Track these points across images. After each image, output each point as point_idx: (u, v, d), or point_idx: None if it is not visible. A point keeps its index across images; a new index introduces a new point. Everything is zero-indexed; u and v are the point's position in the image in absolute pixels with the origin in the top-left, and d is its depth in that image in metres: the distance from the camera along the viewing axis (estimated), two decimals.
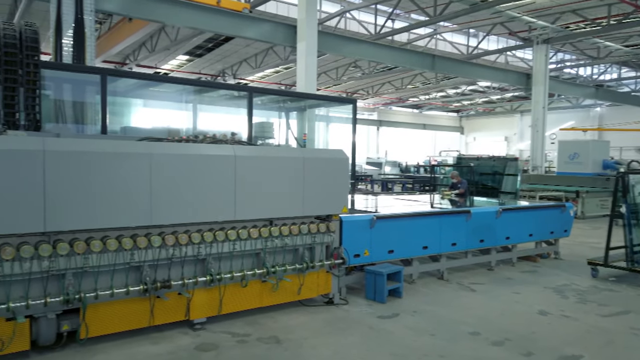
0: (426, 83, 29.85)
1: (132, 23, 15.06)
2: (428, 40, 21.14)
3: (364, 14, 18.94)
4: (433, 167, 14.33)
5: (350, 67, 25.41)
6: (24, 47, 6.49)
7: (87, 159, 4.24)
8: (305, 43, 13.38)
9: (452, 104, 39.67)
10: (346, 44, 16.36)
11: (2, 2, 15.46)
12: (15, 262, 3.91)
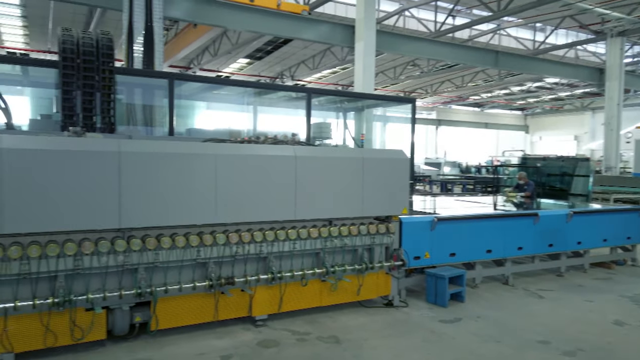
0: (488, 80, 28.81)
1: (197, 29, 15.67)
2: (491, 36, 20.39)
3: (424, 12, 18.58)
4: (496, 168, 13.81)
5: (408, 66, 25.02)
6: (100, 55, 6.93)
7: (158, 159, 4.45)
8: (364, 43, 13.33)
9: (517, 101, 38.02)
10: (405, 43, 16.12)
11: (79, 12, 16.59)
12: (94, 257, 4.18)
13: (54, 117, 8.43)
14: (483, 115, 42.38)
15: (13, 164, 3.85)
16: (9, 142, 3.88)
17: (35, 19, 17.61)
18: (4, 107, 6.67)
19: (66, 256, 4.05)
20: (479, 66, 20.92)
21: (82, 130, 4.87)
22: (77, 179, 4.10)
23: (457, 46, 17.76)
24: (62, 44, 6.65)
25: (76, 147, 4.17)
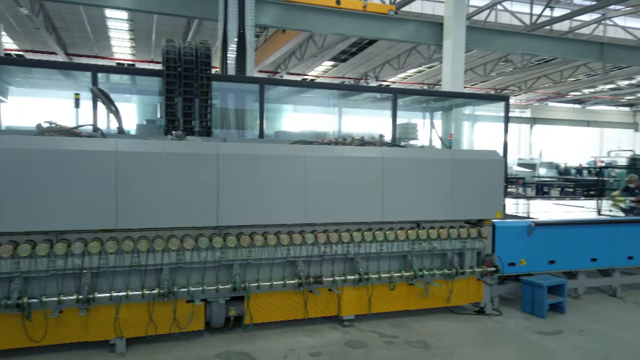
0: (591, 75, 26.54)
1: (285, 34, 16.15)
2: (595, 26, 18.77)
3: (517, 4, 17.57)
4: (600, 170, 12.67)
5: (499, 62, 23.80)
6: (199, 63, 7.40)
7: (251, 161, 4.66)
8: (452, 40, 12.92)
9: (624, 97, 34.60)
10: (497, 38, 15.36)
11: (178, 24, 17.84)
12: (194, 252, 4.47)
13: (157, 122, 9.15)
14: (584, 112, 39.10)
15: (126, 165, 4.23)
16: (124, 146, 4.27)
17: (140, 32, 19.23)
18: (116, 113, 7.33)
19: (170, 251, 4.37)
20: (580, 60, 19.33)
21: (183, 134, 5.21)
22: (180, 180, 4.41)
23: (556, 39, 16.56)
24: (165, 54, 7.20)
25: (179, 150, 4.48)
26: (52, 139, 4.17)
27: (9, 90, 10.25)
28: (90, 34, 19.40)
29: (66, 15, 17.10)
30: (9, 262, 3.93)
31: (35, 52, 21.34)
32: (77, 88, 10.03)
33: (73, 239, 4.16)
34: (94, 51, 22.12)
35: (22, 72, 10.29)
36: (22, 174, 3.95)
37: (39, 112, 12.63)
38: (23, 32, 18.91)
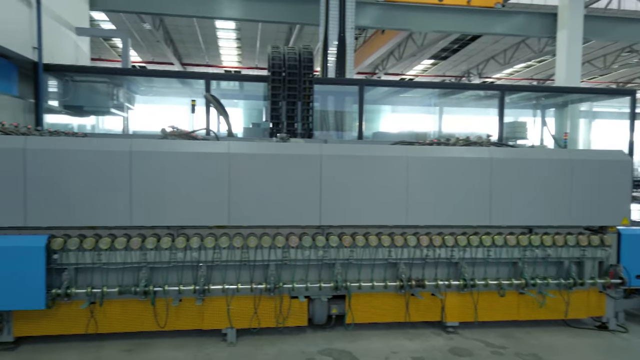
0: None
1: (384, 34, 16.08)
2: None
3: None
4: None
5: (622, 53, 21.45)
6: (301, 67, 7.65)
7: (353, 162, 4.70)
8: (567, 31, 11.93)
9: None
10: (620, 26, 13.88)
11: (281, 30, 18.57)
12: (298, 250, 4.62)
13: (262, 125, 9.62)
14: None
15: (237, 166, 4.50)
16: (235, 148, 4.54)
17: (246, 40, 20.35)
18: (226, 117, 7.82)
19: (276, 248, 4.57)
20: None
21: (287, 136, 5.42)
22: (285, 180, 4.59)
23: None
24: (271, 60, 7.57)
25: (284, 152, 4.66)
26: (174, 142, 4.57)
27: (135, 99, 11.45)
28: (202, 44, 20.95)
29: (182, 28, 18.64)
30: (138, 253, 4.37)
31: (155, 63, 23.53)
32: (192, 95, 10.91)
33: (191, 234, 4.51)
34: (205, 60, 23.86)
35: (146, 82, 11.45)
36: (149, 174, 4.38)
37: (160, 117, 13.94)
38: (145, 46, 20.97)
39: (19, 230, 4.26)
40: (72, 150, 4.30)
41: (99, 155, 4.32)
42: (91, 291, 4.28)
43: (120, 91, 10.07)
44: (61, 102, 9.61)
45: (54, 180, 4.24)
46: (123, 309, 4.49)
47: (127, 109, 10.79)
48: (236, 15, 11.93)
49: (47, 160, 4.23)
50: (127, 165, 4.34)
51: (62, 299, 4.25)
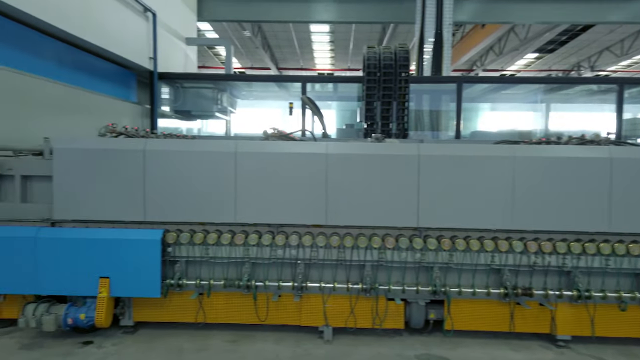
0: None
1: (484, 29, 15.35)
2: None
3: None
4: None
5: None
6: (397, 66, 7.54)
7: (453, 162, 4.52)
8: None
9: None
10: None
11: (374, 30, 18.51)
12: (395, 251, 4.55)
13: (356, 126, 9.66)
14: None
15: (334, 166, 4.55)
16: (333, 148, 4.60)
17: (339, 42, 20.59)
18: (321, 119, 7.95)
19: (372, 248, 4.54)
20: None
21: (383, 136, 5.37)
22: (381, 180, 4.55)
23: None
24: (366, 61, 7.57)
25: (380, 152, 4.62)
26: (275, 143, 4.75)
27: (237, 103, 12.09)
28: (297, 48, 21.57)
29: (279, 33, 19.34)
30: (241, 248, 4.60)
31: (254, 68, 24.67)
32: (289, 97, 11.27)
33: (290, 232, 4.65)
34: (299, 64, 24.54)
35: (246, 87, 12.05)
36: (252, 174, 4.59)
37: (258, 120, 14.60)
38: (245, 52, 22.07)
39: (139, 224, 4.69)
40: (184, 152, 4.64)
41: (208, 156, 4.61)
42: (200, 283, 4.58)
43: (224, 96, 10.70)
44: (172, 107, 10.44)
45: (168, 179, 4.61)
46: (227, 301, 4.74)
47: (230, 112, 11.43)
48: (331, 18, 12.11)
49: (162, 161, 4.61)
50: (232, 165, 4.59)
51: (174, 289, 4.60)
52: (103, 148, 4.63)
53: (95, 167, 4.59)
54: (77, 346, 4.37)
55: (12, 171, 4.68)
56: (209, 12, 11.75)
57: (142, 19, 8.50)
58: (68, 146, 4.62)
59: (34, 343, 4.42)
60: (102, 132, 4.98)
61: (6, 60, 5.43)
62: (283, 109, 15.11)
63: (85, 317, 4.40)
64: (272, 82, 11.01)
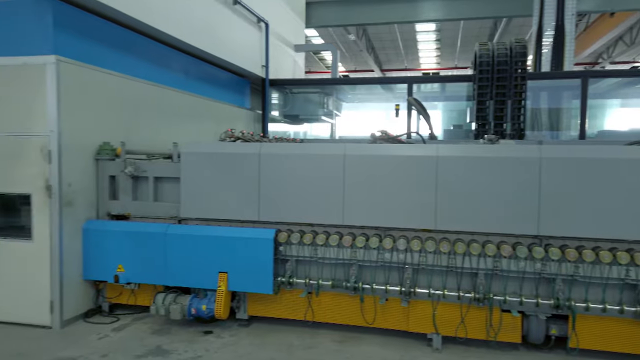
0: None
1: (613, 17, 13.85)
2: None
3: None
4: None
5: None
6: (512, 63, 7.10)
7: (579, 165, 4.13)
8: None
9: None
10: None
11: (484, 26, 17.61)
12: (512, 260, 4.28)
13: (464, 126, 9.27)
14: None
15: (445, 169, 4.40)
16: (444, 151, 4.46)
17: (446, 40, 19.93)
18: (428, 120, 7.76)
19: (486, 256, 4.31)
20: None
21: (496, 137, 5.08)
22: (496, 184, 4.30)
23: None
24: (478, 58, 7.22)
25: (494, 154, 4.38)
26: (383, 146, 4.73)
27: (342, 106, 12.27)
28: (401, 49, 21.31)
29: (383, 35, 19.27)
30: (349, 250, 4.65)
31: (358, 71, 24.86)
32: (394, 99, 11.16)
33: (397, 236, 4.59)
34: (403, 65, 24.22)
35: (351, 90, 12.17)
36: (360, 176, 4.61)
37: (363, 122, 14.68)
38: (349, 56, 22.33)
39: (254, 223, 4.96)
40: (295, 155, 4.81)
41: (317, 158, 4.73)
42: (309, 282, 4.72)
43: (330, 100, 10.92)
44: (281, 112, 10.91)
45: (280, 181, 4.81)
46: (335, 301, 4.82)
47: (335, 115, 11.64)
48: (438, 16, 11.77)
49: (275, 164, 4.83)
50: (340, 168, 4.65)
51: (285, 287, 4.79)
52: (223, 152, 4.97)
53: (216, 169, 4.95)
54: (199, 335, 4.74)
55: (146, 173, 5.22)
56: (316, 19, 12.07)
57: (256, 29, 8.99)
58: (193, 150, 5.05)
59: (163, 329, 4.88)
60: (222, 137, 5.36)
61: (145, 75, 6.09)
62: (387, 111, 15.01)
63: (207, 309, 4.76)
64: (379, 84, 10.99)
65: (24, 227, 4.89)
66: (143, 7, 5.61)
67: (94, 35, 5.26)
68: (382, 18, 11.80)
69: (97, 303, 5.26)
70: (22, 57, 4.71)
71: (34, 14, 4.69)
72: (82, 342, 4.52)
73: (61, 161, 4.75)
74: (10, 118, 4.83)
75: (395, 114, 8.53)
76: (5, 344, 4.45)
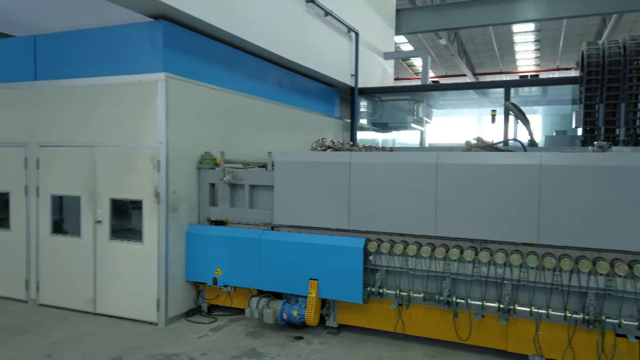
0: None
1: None
2: None
3: None
4: None
5: None
6: (627, 63, 6.45)
7: None
8: None
9: None
10: None
11: (590, 24, 16.23)
12: (627, 280, 3.86)
13: (569, 132, 8.57)
14: None
15: (550, 179, 4.10)
16: (548, 159, 4.16)
17: (546, 40, 18.66)
18: (528, 126, 7.29)
19: (597, 274, 3.93)
20: None
21: (608, 144, 4.64)
22: (609, 196, 3.92)
23: None
24: (586, 58, 6.64)
25: (611, 163, 3.99)
26: (480, 154, 4.52)
27: (432, 113, 11.97)
28: (496, 51, 20.33)
29: (476, 38, 18.53)
30: (442, 262, 4.49)
31: (448, 76, 24.14)
32: (489, 105, 10.66)
33: (495, 249, 4.35)
34: (498, 68, 23.07)
35: (441, 96, 11.83)
36: (454, 186, 4.45)
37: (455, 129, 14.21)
38: (439, 61, 21.76)
39: (343, 232, 4.98)
40: (386, 164, 4.77)
41: (408, 167, 4.65)
42: (399, 293, 4.63)
43: (420, 106, 10.70)
44: (369, 120, 10.89)
45: (370, 190, 4.79)
46: (426, 315, 4.68)
47: (425, 122, 11.38)
48: (539, 16, 11.05)
49: (366, 172, 4.82)
50: (433, 177, 4.53)
51: (375, 297, 4.74)
52: (314, 160, 5.07)
53: (307, 177, 5.05)
54: (290, 340, 4.85)
55: (242, 181, 5.48)
56: (407, 25, 11.92)
57: (346, 39, 9.10)
58: (286, 159, 5.20)
59: (256, 332, 5.05)
60: (314, 146, 5.47)
61: (241, 87, 6.42)
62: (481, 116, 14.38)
63: (298, 314, 4.85)
64: (473, 89, 10.56)
65: (134, 230, 5.35)
66: (242, 24, 5.93)
67: (196, 52, 5.65)
68: (476, 21, 11.33)
69: (197, 303, 5.59)
70: (138, 75, 5.19)
71: (147, 36, 5.15)
72: (184, 339, 4.82)
73: (168, 170, 5.14)
74: (126, 131, 5.33)
75: (491, 120, 8.12)
76: (120, 337, 4.88)
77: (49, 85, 5.71)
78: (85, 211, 5.54)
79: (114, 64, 5.35)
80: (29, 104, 5.84)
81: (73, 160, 5.60)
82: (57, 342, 4.71)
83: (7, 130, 5.99)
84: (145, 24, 5.17)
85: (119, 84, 5.31)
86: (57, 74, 5.67)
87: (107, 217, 5.43)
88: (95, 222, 5.48)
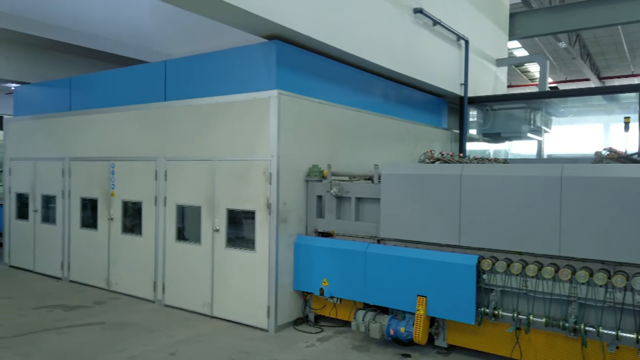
0: None
1: None
2: None
3: None
4: None
5: None
6: None
7: None
8: None
9: None
10: None
11: None
12: None
13: None
14: None
15: None
16: None
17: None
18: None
19: None
20: None
21: None
22: None
23: None
24: None
25: None
26: (612, 167, 4.05)
27: (552, 121, 11.05)
28: (626, 52, 18.28)
29: (601, 39, 16.84)
30: (567, 285, 4.07)
31: (568, 82, 22.19)
32: (620, 111, 9.56)
33: (632, 273, 3.84)
34: (629, 70, 20.70)
35: (562, 103, 10.88)
36: (581, 201, 4.03)
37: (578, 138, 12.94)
38: (558, 65, 20.12)
39: (453, 248, 4.76)
40: (501, 177, 4.48)
41: (527, 180, 4.32)
42: (517, 316, 4.28)
43: (537, 115, 9.95)
44: (480, 131, 10.36)
45: (483, 204, 4.53)
46: (548, 341, 4.27)
47: (543, 132, 10.54)
48: None
49: (478, 186, 4.56)
50: (557, 191, 4.15)
51: (489, 318, 4.44)
52: (422, 173, 4.93)
53: (415, 191, 4.93)
54: (397, 357, 4.72)
55: (349, 193, 5.51)
56: (522, 29, 11.19)
57: (455, 47, 8.79)
58: (393, 172, 5.13)
59: (362, 346, 5.01)
60: (422, 159, 5.33)
61: (347, 100, 6.51)
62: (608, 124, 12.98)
63: (405, 331, 4.72)
64: (601, 94, 9.57)
65: (247, 239, 5.64)
66: (351, 39, 6.02)
67: (305, 68, 5.85)
68: (602, 20, 10.27)
69: (304, 313, 5.71)
70: (253, 93, 5.51)
71: (262, 55, 5.46)
72: (293, 347, 4.94)
73: (279, 182, 5.35)
74: (242, 145, 5.66)
75: (624, 128, 7.25)
76: (234, 341, 5.14)
77: (175, 105, 6.30)
78: (205, 220, 5.96)
79: (231, 83, 5.74)
80: (160, 122, 6.49)
81: (195, 173, 6.08)
82: (180, 341, 5.10)
83: (142, 146, 6.70)
84: (260, 45, 5.48)
85: (235, 102, 5.68)
86: (182, 94, 6.24)
87: (224, 226, 5.80)
88: (213, 230, 5.87)
